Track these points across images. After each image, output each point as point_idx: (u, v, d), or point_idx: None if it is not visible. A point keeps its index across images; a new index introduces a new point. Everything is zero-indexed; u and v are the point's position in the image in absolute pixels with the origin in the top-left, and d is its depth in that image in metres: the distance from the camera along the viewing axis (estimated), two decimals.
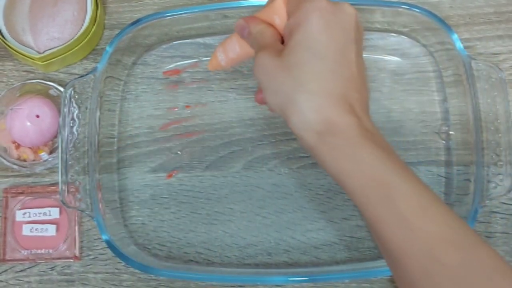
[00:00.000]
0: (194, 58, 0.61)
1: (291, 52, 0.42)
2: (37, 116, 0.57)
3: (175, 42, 0.61)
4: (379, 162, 0.40)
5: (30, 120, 0.56)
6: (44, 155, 0.58)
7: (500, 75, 0.54)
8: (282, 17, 0.45)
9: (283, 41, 0.45)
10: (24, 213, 0.57)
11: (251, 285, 0.57)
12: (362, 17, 0.58)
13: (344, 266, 0.56)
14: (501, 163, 0.53)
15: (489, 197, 0.52)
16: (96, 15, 0.60)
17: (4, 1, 0.60)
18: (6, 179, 0.59)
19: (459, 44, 0.56)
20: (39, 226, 0.57)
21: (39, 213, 0.57)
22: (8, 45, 0.59)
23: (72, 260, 0.57)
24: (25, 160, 0.58)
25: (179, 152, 0.59)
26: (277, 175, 0.58)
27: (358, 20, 0.44)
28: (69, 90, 0.55)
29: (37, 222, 0.57)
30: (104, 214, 0.54)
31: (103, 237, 0.53)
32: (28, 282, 0.57)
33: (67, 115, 0.54)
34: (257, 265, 0.56)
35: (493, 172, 0.53)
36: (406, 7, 0.57)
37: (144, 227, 0.58)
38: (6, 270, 0.57)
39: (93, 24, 0.59)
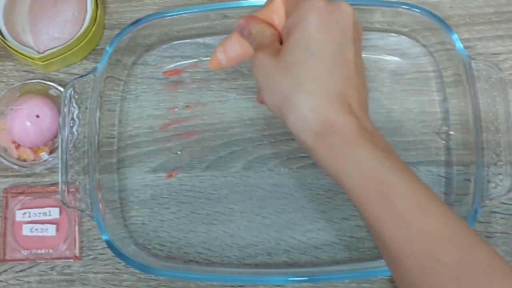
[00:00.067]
0: (194, 58, 0.61)
1: (289, 51, 0.42)
2: (37, 116, 0.57)
3: (175, 42, 0.61)
4: (377, 162, 0.40)
5: (30, 120, 0.56)
6: (44, 155, 0.58)
7: (500, 75, 0.54)
8: (281, 17, 0.45)
9: (282, 41, 0.45)
10: (24, 213, 0.57)
11: (251, 285, 0.57)
12: (362, 17, 0.58)
13: (344, 266, 0.56)
14: (501, 163, 0.53)
15: (489, 197, 0.52)
16: (96, 15, 0.60)
17: (4, 1, 0.60)
18: (6, 179, 0.59)
19: (459, 44, 0.56)
20: (39, 226, 0.57)
21: (39, 213, 0.57)
22: (8, 45, 0.59)
23: (72, 260, 0.57)
24: (25, 160, 0.58)
25: (179, 152, 0.59)
26: (277, 175, 0.58)
27: (356, 19, 0.44)
28: (69, 90, 0.55)
29: (37, 222, 0.57)
30: (104, 214, 0.54)
31: (103, 237, 0.53)
32: (28, 282, 0.57)
33: (67, 115, 0.54)
34: (257, 265, 0.56)
35: (493, 172, 0.53)
36: (406, 7, 0.57)
37: (144, 227, 0.58)
38: (6, 270, 0.57)
39: (93, 24, 0.59)
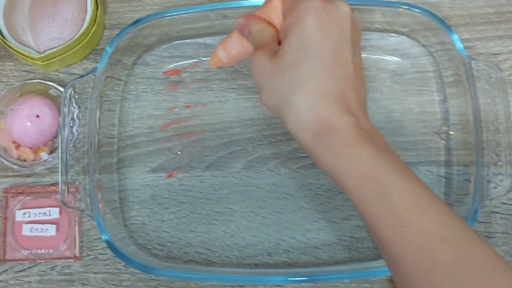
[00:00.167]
0: (194, 58, 0.61)
1: (287, 52, 0.42)
2: (37, 116, 0.57)
3: (175, 42, 0.61)
4: (375, 162, 0.40)
5: (30, 120, 0.56)
6: (44, 155, 0.58)
7: (500, 75, 0.54)
8: (280, 16, 0.45)
9: (280, 41, 0.45)
10: (24, 213, 0.57)
11: (251, 285, 0.57)
12: (362, 17, 0.58)
13: (344, 266, 0.56)
14: (501, 163, 0.53)
15: (489, 197, 0.52)
16: (96, 15, 0.60)
17: (4, 1, 0.60)
18: (6, 179, 0.59)
19: (459, 44, 0.56)
20: (39, 226, 0.57)
21: (39, 213, 0.57)
22: (8, 45, 0.59)
23: (72, 260, 0.57)
24: (25, 160, 0.58)
25: (179, 152, 0.59)
26: (277, 175, 0.58)
27: (354, 18, 0.44)
28: (69, 90, 0.55)
29: (37, 222, 0.57)
30: (104, 214, 0.54)
31: (103, 237, 0.53)
32: (28, 282, 0.57)
33: (67, 115, 0.54)
34: (257, 265, 0.56)
35: (493, 172, 0.53)
36: (406, 7, 0.57)
37: (144, 227, 0.58)
38: (6, 270, 0.57)
39: (93, 24, 0.59)
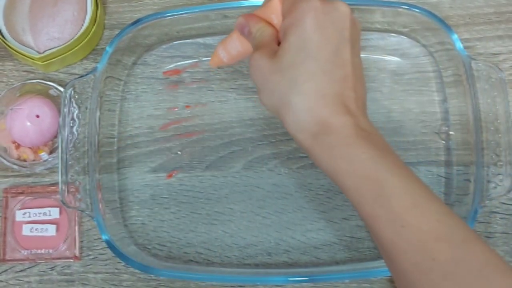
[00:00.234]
0: (194, 58, 0.61)
1: (286, 53, 0.42)
2: (37, 116, 0.57)
3: (175, 42, 0.61)
4: (373, 161, 0.40)
5: (30, 120, 0.56)
6: (44, 155, 0.58)
7: (500, 75, 0.54)
8: (279, 16, 0.45)
9: (279, 41, 0.45)
10: (24, 213, 0.57)
11: (251, 285, 0.57)
12: (362, 17, 0.58)
13: (344, 266, 0.56)
14: (501, 163, 0.53)
15: (489, 197, 0.52)
16: (96, 15, 0.60)
17: (4, 1, 0.60)
18: (6, 179, 0.59)
19: (459, 44, 0.56)
20: (39, 226, 0.57)
21: (39, 213, 0.57)
22: (8, 45, 0.59)
23: (72, 260, 0.57)
24: (25, 160, 0.58)
25: (179, 152, 0.59)
26: (277, 175, 0.58)
27: (353, 18, 0.44)
28: (69, 90, 0.55)
29: (37, 222, 0.57)
30: (104, 214, 0.54)
31: (103, 237, 0.53)
32: (28, 282, 0.57)
33: (67, 115, 0.54)
34: (257, 265, 0.56)
35: (493, 172, 0.53)
36: (406, 7, 0.57)
37: (144, 227, 0.58)
38: (6, 270, 0.57)
39: (93, 24, 0.59)
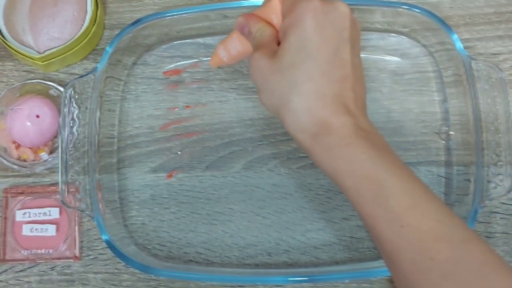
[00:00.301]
0: (194, 58, 0.61)
1: (285, 53, 0.42)
2: (37, 116, 0.57)
3: (175, 42, 0.61)
4: (372, 161, 0.40)
5: (30, 120, 0.56)
6: (44, 155, 0.58)
7: (500, 75, 0.54)
8: (279, 16, 0.45)
9: (279, 41, 0.45)
10: (24, 213, 0.57)
11: (251, 285, 0.57)
12: (362, 17, 0.58)
13: (344, 266, 0.56)
14: (501, 163, 0.53)
15: (489, 197, 0.53)
16: (96, 15, 0.60)
17: (4, 1, 0.60)
18: (6, 179, 0.59)
19: (459, 44, 0.56)
20: (39, 226, 0.57)
21: (39, 213, 0.57)
22: (8, 45, 0.59)
23: (72, 260, 0.57)
24: (25, 160, 0.58)
25: (179, 152, 0.59)
26: (277, 175, 0.58)
27: (353, 18, 0.44)
28: (69, 90, 0.55)
29: (37, 222, 0.57)
30: (104, 214, 0.54)
31: (103, 237, 0.53)
32: (28, 282, 0.57)
33: (67, 115, 0.54)
34: (257, 265, 0.56)
35: (493, 172, 0.53)
36: (406, 7, 0.57)
37: (144, 227, 0.58)
38: (6, 270, 0.57)
39: (93, 24, 0.59)
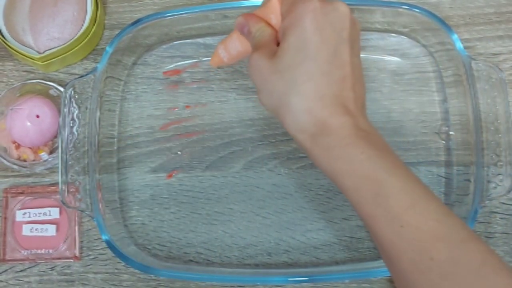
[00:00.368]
0: (194, 58, 0.61)
1: (285, 54, 0.42)
2: (37, 116, 0.57)
3: (175, 42, 0.61)
4: (371, 161, 0.40)
5: (30, 120, 0.56)
6: (44, 155, 0.58)
7: (500, 76, 0.54)
8: (278, 16, 0.45)
9: (278, 42, 0.45)
10: (24, 213, 0.57)
11: (251, 285, 0.57)
12: (362, 17, 0.58)
13: (344, 266, 0.56)
14: (501, 163, 0.53)
15: (489, 198, 0.53)
16: (96, 15, 0.60)
17: (4, 1, 0.60)
18: (6, 179, 0.59)
19: (459, 45, 0.56)
20: (39, 226, 0.57)
21: (39, 213, 0.57)
22: (8, 45, 0.59)
23: (72, 260, 0.57)
24: (25, 160, 0.58)
25: (179, 152, 0.59)
26: (277, 175, 0.58)
27: (353, 18, 0.44)
28: (69, 90, 0.55)
29: (37, 222, 0.57)
30: (104, 214, 0.54)
31: (103, 237, 0.53)
32: (28, 282, 0.57)
33: (67, 115, 0.54)
34: (257, 265, 0.56)
35: (493, 173, 0.53)
36: (406, 7, 0.57)
37: (144, 227, 0.58)
38: (6, 270, 0.57)
39: (93, 24, 0.59)
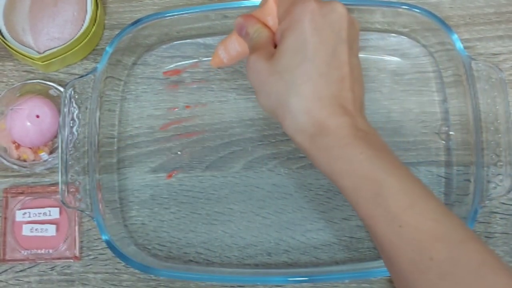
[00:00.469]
0: (194, 58, 0.61)
1: (283, 55, 0.43)
2: (37, 116, 0.57)
3: (175, 42, 0.61)
4: (370, 162, 0.40)
5: (30, 120, 0.56)
6: (44, 155, 0.58)
7: (500, 76, 0.54)
8: (275, 18, 0.45)
9: (276, 44, 0.45)
10: (24, 213, 0.57)
11: (251, 285, 0.57)
12: (362, 17, 0.58)
13: (343, 266, 0.56)
14: (501, 163, 0.53)
15: (489, 198, 0.53)
16: (96, 15, 0.60)
17: (4, 1, 0.60)
18: (6, 179, 0.59)
19: (459, 45, 0.56)
20: (39, 226, 0.57)
21: (39, 213, 0.57)
22: (8, 45, 0.59)
23: (72, 260, 0.57)
24: (25, 160, 0.58)
25: (179, 152, 0.59)
26: (277, 175, 0.58)
27: (351, 18, 0.44)
28: (69, 90, 0.55)
29: (37, 222, 0.57)
30: (104, 214, 0.54)
31: (103, 237, 0.53)
32: (28, 282, 0.57)
33: (67, 115, 0.54)
34: (257, 265, 0.56)
35: (493, 173, 0.53)
36: (406, 7, 0.57)
37: (144, 227, 0.58)
38: (6, 270, 0.57)
39: (93, 24, 0.59)
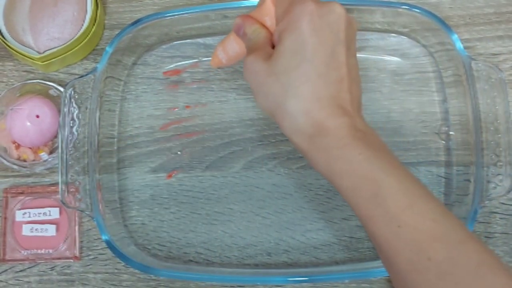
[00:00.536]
0: (194, 58, 0.61)
1: (281, 56, 0.43)
2: (37, 116, 0.57)
3: (175, 42, 0.61)
4: (369, 162, 0.40)
5: (30, 120, 0.56)
6: (44, 155, 0.58)
7: (500, 76, 0.54)
8: (273, 19, 0.45)
9: (274, 44, 0.45)
10: (24, 213, 0.57)
11: (251, 285, 0.57)
12: (362, 18, 0.58)
13: (343, 266, 0.56)
14: (501, 163, 0.53)
15: (488, 198, 0.53)
16: (96, 15, 0.60)
17: (4, 1, 0.60)
18: (6, 179, 0.59)
19: (459, 45, 0.56)
20: (39, 226, 0.57)
21: (39, 213, 0.57)
22: (8, 45, 0.59)
23: (72, 260, 0.57)
24: (25, 160, 0.58)
25: (179, 152, 0.59)
26: (277, 175, 0.58)
27: (349, 18, 0.44)
28: (69, 90, 0.55)
29: (37, 222, 0.57)
30: (104, 214, 0.54)
31: (103, 237, 0.53)
32: (28, 282, 0.57)
33: (67, 115, 0.54)
34: (256, 265, 0.57)
35: (493, 173, 0.53)
36: (406, 7, 0.57)
37: (144, 227, 0.58)
38: (6, 270, 0.57)
39: (93, 24, 0.59)
